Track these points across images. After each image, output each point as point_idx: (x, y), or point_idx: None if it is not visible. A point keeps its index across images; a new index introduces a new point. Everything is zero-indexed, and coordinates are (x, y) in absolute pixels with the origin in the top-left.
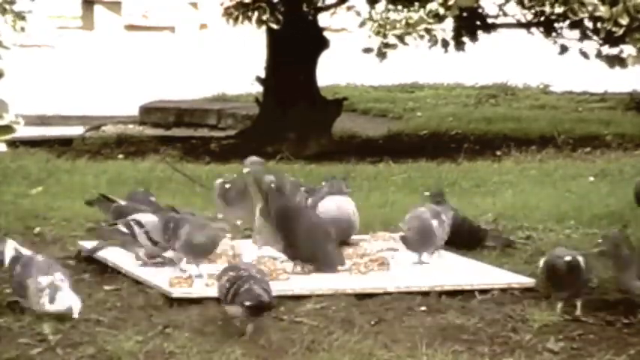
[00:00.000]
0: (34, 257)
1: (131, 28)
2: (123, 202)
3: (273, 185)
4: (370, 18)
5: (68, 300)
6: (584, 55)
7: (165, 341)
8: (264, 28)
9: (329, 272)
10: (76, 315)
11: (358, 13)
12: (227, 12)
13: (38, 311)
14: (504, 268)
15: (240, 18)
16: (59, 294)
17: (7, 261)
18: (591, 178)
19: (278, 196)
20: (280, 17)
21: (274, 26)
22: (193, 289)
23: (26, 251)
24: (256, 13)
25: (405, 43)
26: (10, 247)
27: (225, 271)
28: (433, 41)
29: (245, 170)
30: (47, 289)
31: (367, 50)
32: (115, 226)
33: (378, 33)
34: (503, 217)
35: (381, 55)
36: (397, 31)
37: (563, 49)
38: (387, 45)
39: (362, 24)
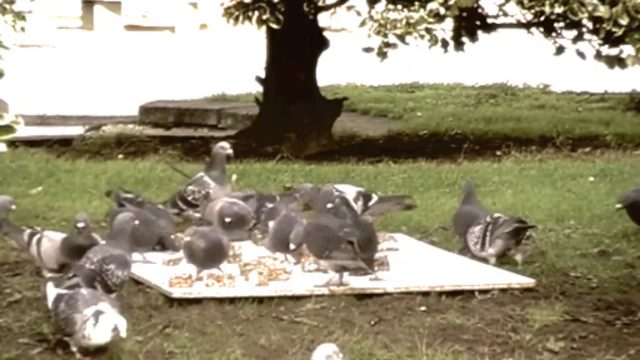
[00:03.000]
0: (79, 291)
1: (131, 28)
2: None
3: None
4: (371, 17)
5: (112, 321)
6: (581, 55)
7: (165, 341)
8: (264, 28)
9: None
10: (123, 334)
11: (358, 13)
12: (227, 12)
13: (86, 345)
14: (504, 268)
15: (241, 18)
16: (102, 317)
17: (50, 302)
18: (591, 178)
19: None
20: (280, 17)
21: (275, 26)
22: (193, 289)
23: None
24: (256, 13)
25: (405, 43)
26: (52, 289)
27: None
28: (433, 41)
29: None
30: (91, 317)
31: (368, 50)
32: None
33: (378, 32)
34: None
35: (382, 54)
36: (398, 31)
37: (560, 50)
38: (387, 44)
39: (362, 24)
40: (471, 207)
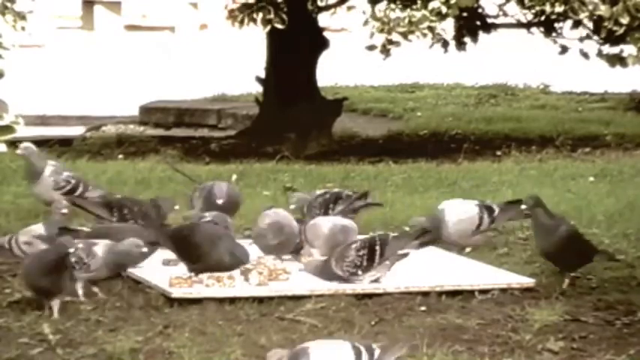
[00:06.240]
0: None
1: (131, 28)
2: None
3: None
4: (373, 17)
5: None
6: (585, 55)
7: (165, 341)
8: (264, 27)
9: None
10: None
11: (364, 12)
12: (231, 15)
13: None
14: (504, 268)
15: (246, 20)
16: None
17: None
18: (591, 178)
19: None
20: (284, 17)
21: (279, 26)
22: (193, 289)
23: None
24: (261, 14)
25: (408, 40)
26: None
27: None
28: (437, 39)
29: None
30: None
31: (371, 48)
32: None
33: (382, 31)
34: None
35: (385, 52)
36: (401, 29)
37: (564, 49)
38: (390, 42)
39: (365, 22)
40: None
